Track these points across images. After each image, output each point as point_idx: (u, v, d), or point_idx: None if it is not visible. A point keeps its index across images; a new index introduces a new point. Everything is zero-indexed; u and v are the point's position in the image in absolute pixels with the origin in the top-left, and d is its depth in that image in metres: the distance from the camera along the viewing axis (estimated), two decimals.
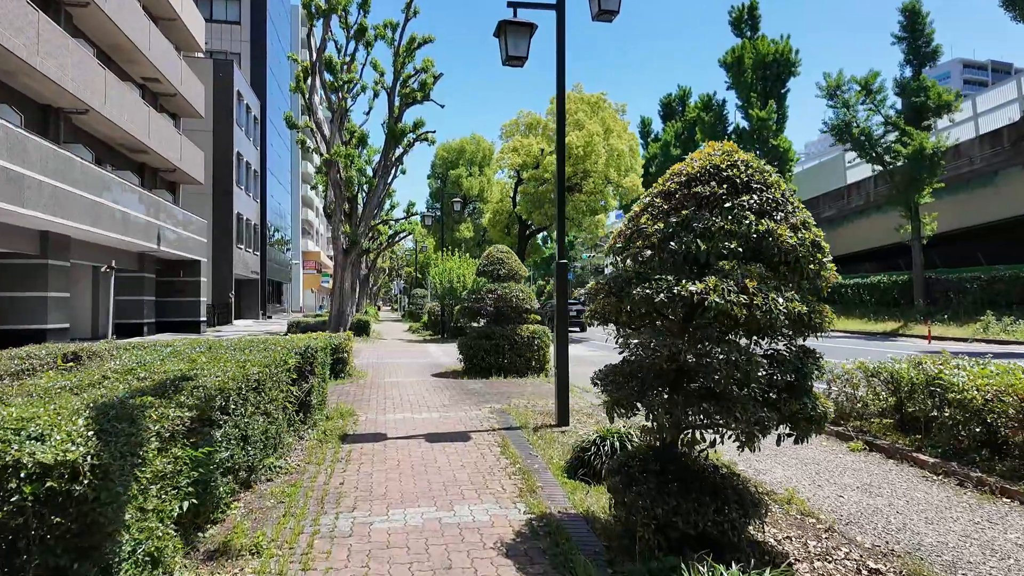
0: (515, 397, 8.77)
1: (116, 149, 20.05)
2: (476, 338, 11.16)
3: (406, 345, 19.55)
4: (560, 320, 6.99)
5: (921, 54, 26.03)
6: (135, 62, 20.14)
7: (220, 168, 31.90)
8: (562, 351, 6.97)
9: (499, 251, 11.80)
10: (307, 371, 6.37)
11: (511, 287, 11.39)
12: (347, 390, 9.45)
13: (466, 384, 10.15)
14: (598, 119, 23.21)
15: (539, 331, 11.25)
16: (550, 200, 22.95)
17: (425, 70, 21.95)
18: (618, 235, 3.79)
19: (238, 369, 4.39)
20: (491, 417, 7.32)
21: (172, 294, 24.77)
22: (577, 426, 6.88)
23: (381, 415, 7.44)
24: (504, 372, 10.96)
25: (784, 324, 3.11)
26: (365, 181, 25.28)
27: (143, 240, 19.08)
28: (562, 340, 6.99)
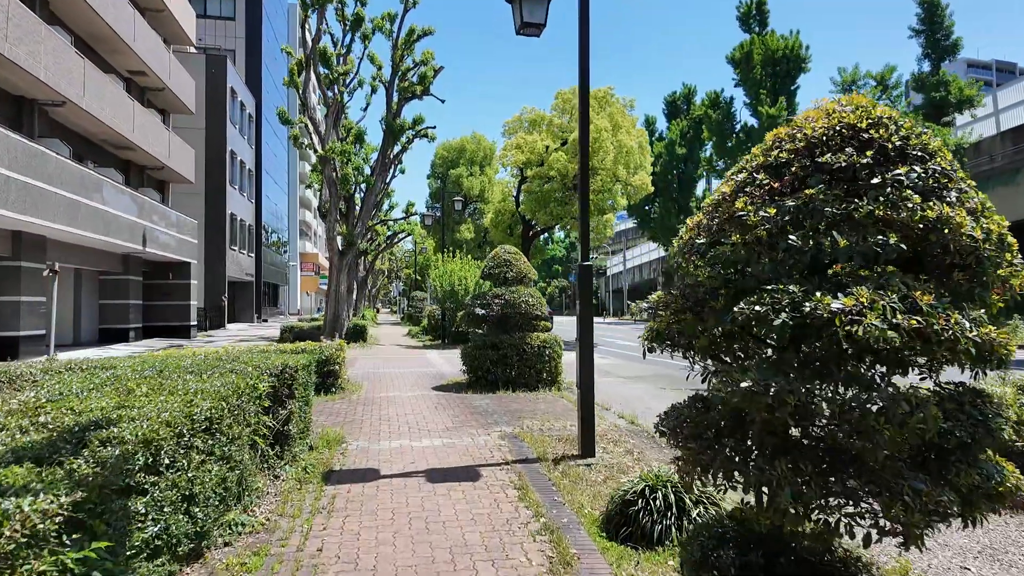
0: (527, 417, 7.74)
1: (98, 145, 19.02)
2: (481, 347, 10.13)
3: (405, 352, 18.51)
4: (584, 330, 5.96)
5: (940, 48, 25.08)
6: (119, 53, 19.12)
7: (213, 167, 30.88)
8: (587, 368, 5.94)
9: (507, 252, 10.77)
10: (284, 395, 5.33)
11: (520, 291, 10.35)
12: (337, 408, 8.41)
13: (471, 400, 9.11)
14: (605, 114, 22.22)
15: (550, 340, 10.21)
16: (555, 199, 21.96)
17: (425, 62, 20.94)
18: (695, 228, 2.76)
19: (183, 405, 3.36)
20: (503, 445, 6.29)
21: (160, 297, 23.73)
22: (604, 456, 5.85)
23: (374, 442, 6.40)
24: (512, 385, 9.93)
25: (968, 356, 2.08)
26: (362, 180, 24.27)
27: (127, 241, 18.05)
28: (586, 355, 5.96)
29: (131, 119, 18.82)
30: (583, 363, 5.95)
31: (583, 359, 5.95)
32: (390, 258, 60.23)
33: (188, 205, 28.33)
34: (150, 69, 20.63)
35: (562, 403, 8.87)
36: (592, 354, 6.02)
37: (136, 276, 21.58)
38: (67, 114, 16.19)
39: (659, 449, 6.19)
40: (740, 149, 35.32)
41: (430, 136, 22.53)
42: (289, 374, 5.41)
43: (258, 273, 39.10)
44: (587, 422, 5.88)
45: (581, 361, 5.96)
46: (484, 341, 10.24)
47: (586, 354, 5.96)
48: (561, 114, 23.58)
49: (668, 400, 9.20)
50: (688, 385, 10.00)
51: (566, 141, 22.31)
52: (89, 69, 16.19)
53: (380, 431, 6.97)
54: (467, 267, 19.73)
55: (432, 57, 21.00)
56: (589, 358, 5.97)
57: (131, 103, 18.96)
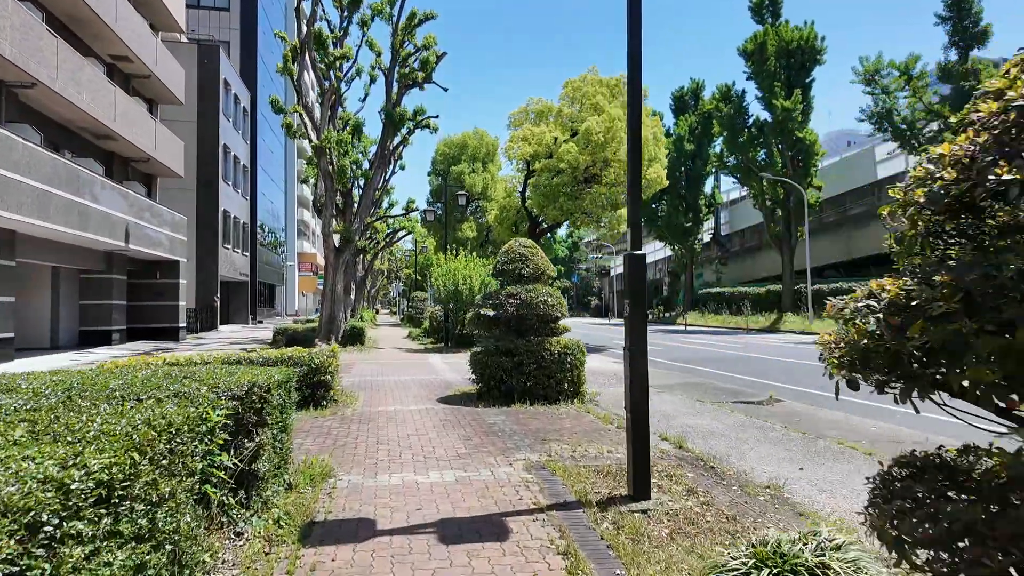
0: (553, 439, 6.49)
1: (76, 134, 17.77)
2: (494, 354, 8.88)
3: (406, 356, 17.26)
4: (635, 336, 4.70)
5: (968, 35, 23.82)
6: (100, 37, 17.88)
7: (204, 161, 29.65)
8: (639, 385, 4.69)
9: (522, 245, 9.51)
10: (251, 423, 4.09)
11: (537, 290, 9.10)
12: (327, 427, 7.15)
13: (483, 416, 7.85)
14: (618, 103, 20.97)
15: (572, 345, 8.97)
16: (565, 193, 20.67)
17: (427, 47, 19.67)
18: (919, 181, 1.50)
19: (58, 466, 2.10)
20: (530, 480, 5.04)
21: (147, 298, 22.50)
22: (661, 497, 4.61)
23: (370, 477, 5.15)
24: (529, 398, 8.68)
25: None
26: (360, 174, 23.03)
27: (107, 237, 16.80)
28: (638, 368, 4.70)
29: (112, 106, 17.57)
30: (633, 379, 4.69)
31: (634, 374, 4.69)
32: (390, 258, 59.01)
33: (178, 201, 27.10)
34: (135, 55, 19.38)
35: (589, 420, 7.62)
36: (646, 368, 4.76)
37: (120, 275, 20.33)
38: (39, 98, 14.94)
39: (726, 488, 4.95)
40: (752, 144, 34.13)
41: (432, 127, 21.29)
42: (258, 395, 4.16)
43: (253, 273, 37.84)
44: (640, 455, 4.62)
45: (631, 377, 4.70)
46: (496, 347, 8.99)
47: (638, 367, 4.70)
48: (571, 103, 22.32)
49: (709, 416, 7.82)
50: (726, 394, 8.58)
51: (576, 132, 21.05)
52: (64, 50, 14.94)
53: (378, 459, 5.72)
54: (472, 265, 18.48)
55: (435, 42, 19.77)
56: (642, 372, 4.71)
57: (112, 89, 17.71)
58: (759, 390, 10.89)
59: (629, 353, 4.71)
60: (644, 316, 4.76)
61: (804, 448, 6.30)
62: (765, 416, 8.14)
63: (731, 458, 5.96)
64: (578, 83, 22.09)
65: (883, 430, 7.42)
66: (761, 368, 14.22)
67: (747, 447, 6.38)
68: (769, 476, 5.31)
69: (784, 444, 6.48)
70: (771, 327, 31.52)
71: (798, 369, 14.06)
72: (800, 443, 6.52)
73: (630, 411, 4.71)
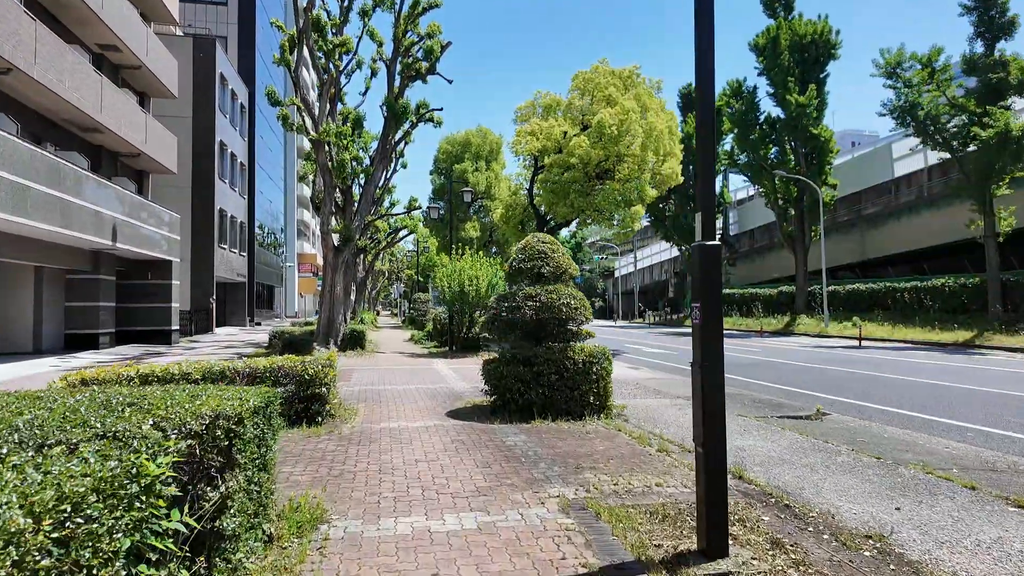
0: (587, 466, 5.51)
1: (60, 126, 16.81)
2: (510, 363, 7.89)
3: (408, 361, 16.27)
4: (709, 348, 3.71)
5: (995, 25, 22.81)
6: (86, 24, 16.93)
7: (200, 158, 28.70)
8: (713, 412, 3.70)
9: (541, 241, 8.52)
10: (215, 467, 3.11)
11: (559, 291, 8.11)
12: (321, 450, 6.16)
13: (501, 435, 6.86)
14: (632, 96, 20.00)
15: (597, 353, 7.97)
16: (576, 190, 19.66)
17: (431, 35, 18.70)
18: None
19: None
20: (570, 526, 4.05)
21: (138, 299, 21.53)
22: (742, 554, 3.61)
23: (371, 522, 4.16)
24: (551, 412, 7.70)
25: None
26: (361, 171, 22.08)
27: (93, 235, 15.83)
28: (712, 390, 3.71)
29: (98, 97, 16.61)
30: (707, 404, 3.70)
31: (707, 397, 3.70)
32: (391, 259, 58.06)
33: (172, 199, 26.17)
34: (124, 44, 18.43)
35: (623, 440, 6.63)
36: (722, 390, 3.76)
37: (108, 275, 19.35)
38: (16, 85, 13.98)
39: (816, 537, 3.96)
40: (764, 141, 33.14)
41: (436, 120, 20.31)
42: (225, 429, 3.17)
43: (251, 274, 36.87)
44: (715, 502, 3.63)
45: (704, 401, 3.70)
46: (513, 355, 8.00)
47: (712, 389, 3.71)
48: (581, 95, 21.31)
49: (759, 435, 6.73)
50: (765, 407, 7.50)
51: (587, 125, 20.05)
52: (44, 34, 13.99)
53: (381, 495, 4.72)
54: (478, 265, 17.49)
55: (439, 30, 18.81)
56: (717, 396, 3.71)
57: (98, 79, 16.74)
58: (797, 400, 9.92)
59: (701, 370, 3.71)
60: (719, 323, 3.76)
61: (887, 478, 5.31)
62: (820, 434, 7.15)
63: (805, 492, 4.97)
64: (589, 74, 21.10)
65: (962, 451, 6.44)
66: (789, 375, 13.23)
67: (818, 476, 5.39)
68: (862, 519, 4.32)
69: (860, 473, 5.49)
70: (784, 329, 30.52)
71: (828, 375, 13.07)
72: (878, 471, 5.52)
73: (703, 446, 3.71)
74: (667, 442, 6.58)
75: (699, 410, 3.75)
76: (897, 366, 14.94)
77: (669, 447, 6.30)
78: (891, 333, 24.35)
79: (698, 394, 3.76)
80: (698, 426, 3.76)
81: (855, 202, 34.31)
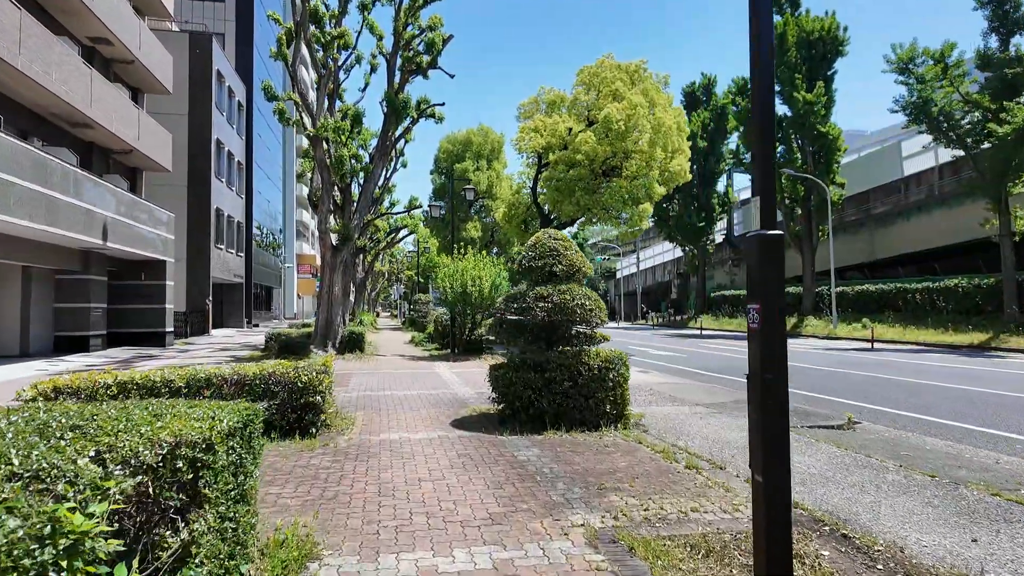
0: (610, 486, 4.93)
1: (48, 120, 16.23)
2: (519, 369, 7.31)
3: (409, 364, 15.68)
4: (771, 355, 3.13)
5: (1010, 20, 22.25)
6: (74, 13, 16.35)
7: (196, 156, 28.13)
8: (776, 428, 3.11)
9: (552, 238, 7.93)
10: (176, 508, 2.52)
11: (573, 291, 7.53)
12: (315, 467, 5.57)
13: (512, 448, 6.28)
14: (639, 91, 19.42)
15: (614, 358, 7.40)
16: (582, 187, 19.09)
17: (432, 28, 18.14)
18: None
19: None
20: (600, 564, 3.47)
21: (131, 300, 20.95)
22: None
23: (370, 559, 3.57)
24: (564, 422, 7.12)
25: None
26: (360, 168, 21.49)
27: (82, 234, 15.25)
28: (774, 408, 3.12)
29: (88, 91, 16.03)
30: (767, 424, 3.11)
31: (767, 416, 3.11)
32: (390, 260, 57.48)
33: (167, 198, 25.60)
34: (115, 37, 17.86)
35: (645, 455, 6.04)
36: (787, 409, 3.17)
37: (100, 276, 18.76)
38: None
39: None
40: None
41: (437, 116, 19.75)
42: (189, 460, 2.60)
43: (248, 274, 36.28)
44: (778, 546, 3.04)
45: (763, 420, 3.12)
46: (522, 360, 7.42)
47: (774, 406, 3.12)
48: (587, 90, 20.72)
49: (793, 449, 6.19)
50: (794, 415, 6.77)
51: (593, 121, 19.48)
52: (29, 24, 13.42)
53: (380, 523, 4.14)
54: (482, 265, 16.91)
55: (441, 23, 18.24)
56: (780, 415, 3.13)
57: (88, 72, 16.17)
58: (821, 407, 9.33)
59: (761, 385, 3.13)
60: (782, 327, 3.18)
61: (949, 501, 4.72)
62: (858, 447, 6.58)
63: (861, 517, 4.39)
64: (595, 69, 20.50)
65: (1019, 466, 5.85)
66: (807, 379, 12.65)
67: (870, 498, 4.81)
68: (937, 554, 3.74)
69: (918, 494, 4.90)
70: (792, 331, 29.93)
71: (849, 380, 12.49)
72: (937, 492, 4.94)
73: (763, 474, 3.13)
74: (694, 457, 6.00)
75: (758, 432, 3.16)
76: (917, 370, 14.36)
77: (698, 463, 5.72)
78: (903, 335, 23.77)
79: (757, 413, 3.18)
80: (757, 451, 3.18)
81: (863, 201, 33.76)
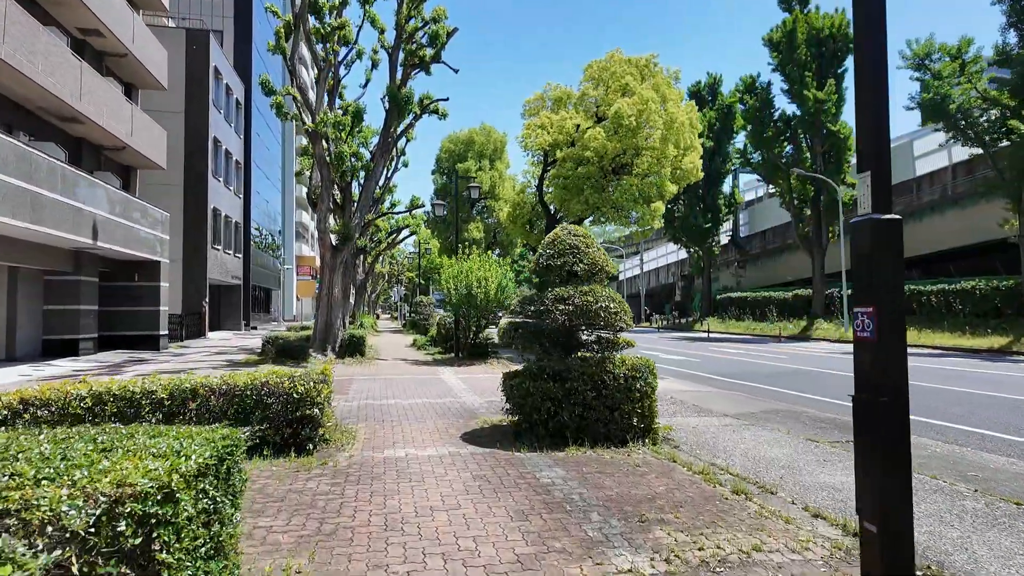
0: (653, 518, 4.26)
1: (34, 114, 15.57)
2: (537, 378, 6.65)
3: (412, 369, 15.02)
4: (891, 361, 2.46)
5: None
6: (63, 4, 15.76)
7: (193, 155, 27.48)
8: (898, 465, 2.44)
9: (572, 234, 7.27)
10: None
11: (596, 292, 6.86)
12: (311, 492, 4.89)
13: (532, 467, 5.61)
14: (650, 85, 18.78)
15: (641, 365, 6.74)
16: (591, 185, 18.43)
17: (436, 20, 17.50)
18: None
19: None
20: None
21: (124, 302, 20.28)
22: None
23: None
24: (586, 437, 6.45)
25: None
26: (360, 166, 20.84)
27: (70, 233, 14.59)
28: (894, 415, 2.45)
29: (77, 83, 15.39)
30: (881, 461, 2.44)
31: (882, 450, 2.45)
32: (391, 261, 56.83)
33: (163, 197, 24.95)
34: (107, 29, 17.21)
35: (683, 476, 5.37)
36: (907, 439, 2.51)
37: (91, 276, 18.08)
38: None
39: None
40: (778, 139, 32.00)
41: (440, 112, 19.11)
42: (136, 519, 1.92)
43: (246, 276, 35.61)
44: None
45: (877, 457, 2.45)
46: (540, 368, 6.76)
47: (894, 436, 2.46)
48: (595, 85, 20.07)
49: (846, 469, 5.48)
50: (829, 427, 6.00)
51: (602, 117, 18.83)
52: (14, 11, 12.78)
53: (387, 569, 3.46)
54: (487, 266, 16.24)
55: (445, 15, 17.60)
56: (900, 448, 2.46)
57: (78, 64, 15.53)
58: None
59: (874, 408, 2.46)
60: (901, 337, 2.51)
61: None
62: (917, 465, 5.87)
63: (954, 557, 3.73)
64: (603, 63, 19.83)
65: None
66: (833, 387, 11.97)
67: (956, 532, 4.15)
68: None
69: (1009, 527, 4.24)
70: (802, 334, 29.28)
71: None
72: None
73: (879, 523, 2.46)
74: (739, 479, 5.33)
75: (870, 469, 2.50)
76: (943, 375, 13.69)
77: (745, 487, 5.04)
78: (918, 338, 23.12)
79: (866, 444, 2.51)
80: (868, 494, 2.51)
81: None
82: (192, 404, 5.91)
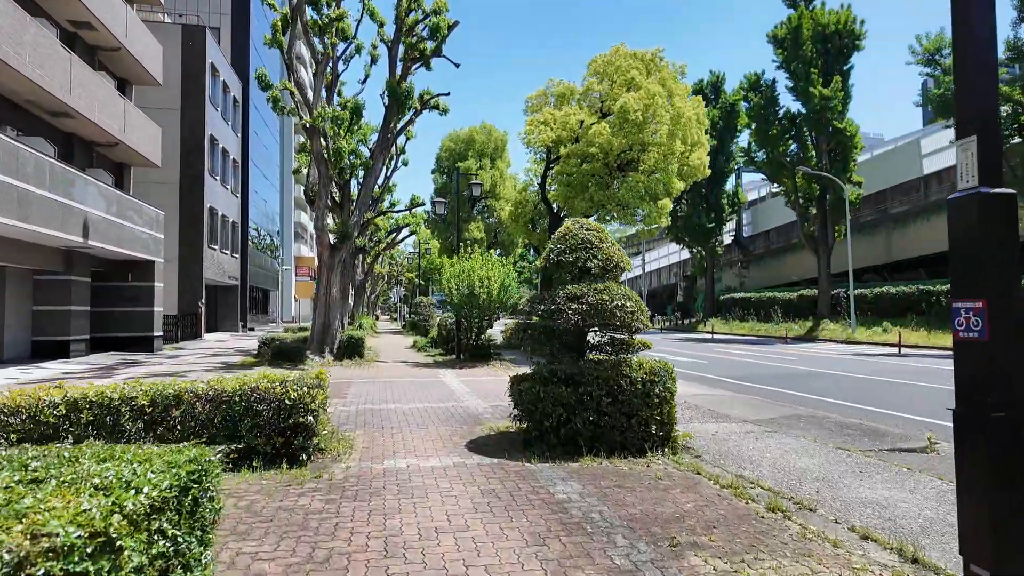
0: (685, 541, 3.80)
1: (22, 108, 15.12)
2: (548, 382, 6.18)
3: (413, 372, 14.55)
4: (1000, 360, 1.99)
5: None
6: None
7: (189, 153, 27.02)
8: (1015, 473, 1.98)
9: (584, 229, 6.81)
10: None
11: (611, 290, 6.41)
12: (303, 511, 4.42)
13: (545, 480, 5.14)
14: (656, 80, 18.34)
15: (659, 369, 6.28)
16: (596, 182, 17.98)
17: (437, 12, 17.05)
18: None
19: None
20: None
21: (117, 303, 19.81)
22: None
23: None
24: (601, 446, 5.99)
25: None
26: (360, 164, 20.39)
27: (59, 231, 14.13)
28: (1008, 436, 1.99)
29: (67, 77, 14.93)
30: (989, 491, 1.98)
31: (997, 475, 1.98)
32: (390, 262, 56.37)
33: (158, 195, 24.49)
34: (99, 21, 16.76)
35: (710, 490, 4.91)
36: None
37: (82, 276, 17.61)
38: None
39: None
40: (783, 137, 31.55)
41: (441, 108, 18.65)
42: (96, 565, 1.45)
43: (244, 276, 35.14)
44: None
45: (987, 485, 1.99)
46: (552, 371, 6.30)
47: (1004, 453, 1.99)
48: (600, 80, 19.61)
49: (885, 480, 4.96)
50: (857, 433, 5.48)
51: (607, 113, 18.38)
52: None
53: None
54: (490, 265, 15.78)
55: (446, 7, 17.14)
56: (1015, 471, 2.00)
57: (67, 57, 15.07)
58: (884, 422, 8.22)
59: (987, 426, 2.00)
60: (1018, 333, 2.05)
61: None
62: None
63: None
64: (608, 57, 19.38)
65: None
66: (851, 389, 11.51)
67: None
68: None
69: None
70: (808, 335, 28.82)
71: (893, 390, 11.35)
72: None
73: (990, 567, 1.99)
74: (773, 494, 4.86)
75: (980, 500, 2.03)
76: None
77: (781, 503, 4.57)
78: (928, 340, 22.68)
79: (974, 470, 2.05)
80: (976, 530, 2.05)
81: (879, 201, 32.70)
82: (176, 411, 5.46)
